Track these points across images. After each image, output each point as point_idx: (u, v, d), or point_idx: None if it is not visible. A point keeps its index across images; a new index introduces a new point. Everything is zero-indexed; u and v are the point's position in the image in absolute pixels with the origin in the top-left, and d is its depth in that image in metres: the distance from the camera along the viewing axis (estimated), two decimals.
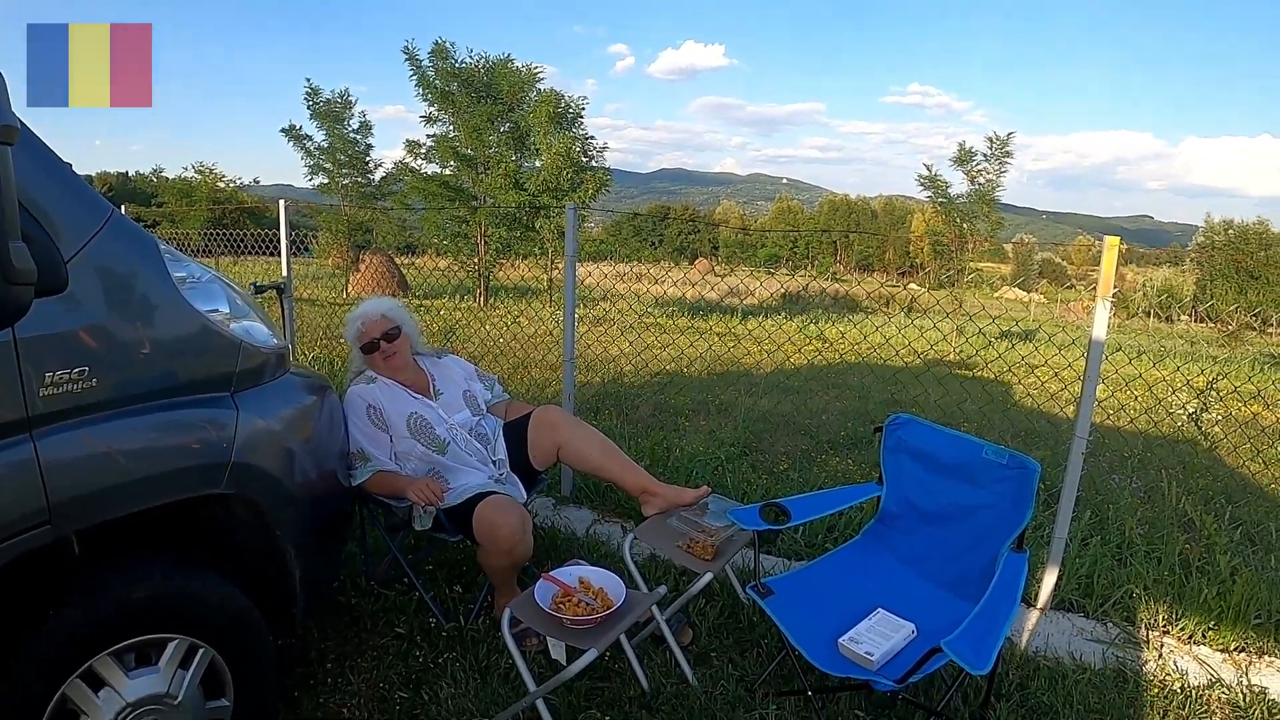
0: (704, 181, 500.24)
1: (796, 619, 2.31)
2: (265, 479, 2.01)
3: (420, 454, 2.76)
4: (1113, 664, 2.86)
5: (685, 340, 9.61)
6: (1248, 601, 3.19)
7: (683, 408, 6.15)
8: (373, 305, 2.95)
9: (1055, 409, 7.35)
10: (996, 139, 14.05)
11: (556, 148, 15.39)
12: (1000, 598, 2.16)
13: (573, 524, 3.69)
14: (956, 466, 2.65)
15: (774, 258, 75.81)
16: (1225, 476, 5.33)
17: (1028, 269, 65.52)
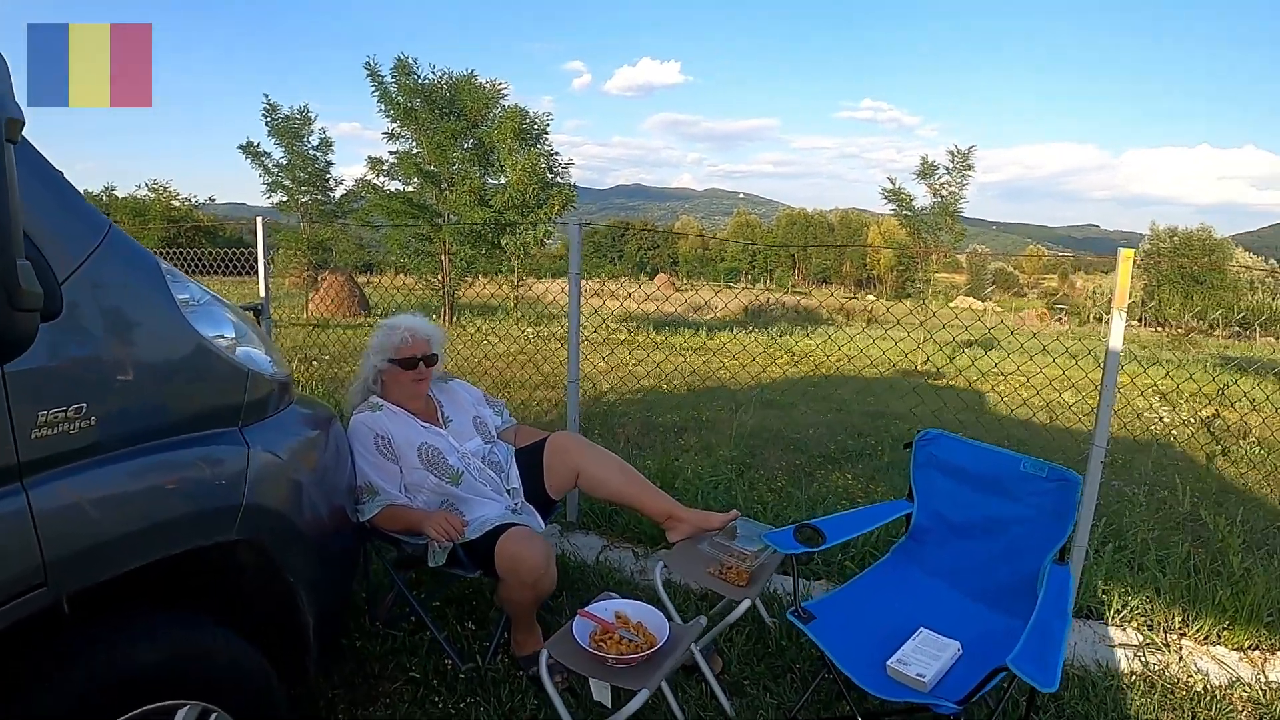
0: (661, 197, 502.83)
1: (840, 643, 2.21)
2: (278, 520, 1.84)
3: (433, 486, 2.58)
4: (1139, 669, 2.87)
5: (658, 356, 9.52)
6: (1260, 600, 3.21)
7: (671, 425, 6.03)
8: (421, 323, 2.74)
9: (1029, 415, 7.40)
10: (958, 152, 14.30)
11: (522, 164, 15.26)
12: (1052, 612, 2.10)
13: (582, 551, 3.52)
14: (991, 480, 2.60)
15: (734, 271, 76.46)
16: (1206, 477, 5.39)
17: (981, 279, 67.05)
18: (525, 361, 7.93)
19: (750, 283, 61.31)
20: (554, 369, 7.70)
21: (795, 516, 3.86)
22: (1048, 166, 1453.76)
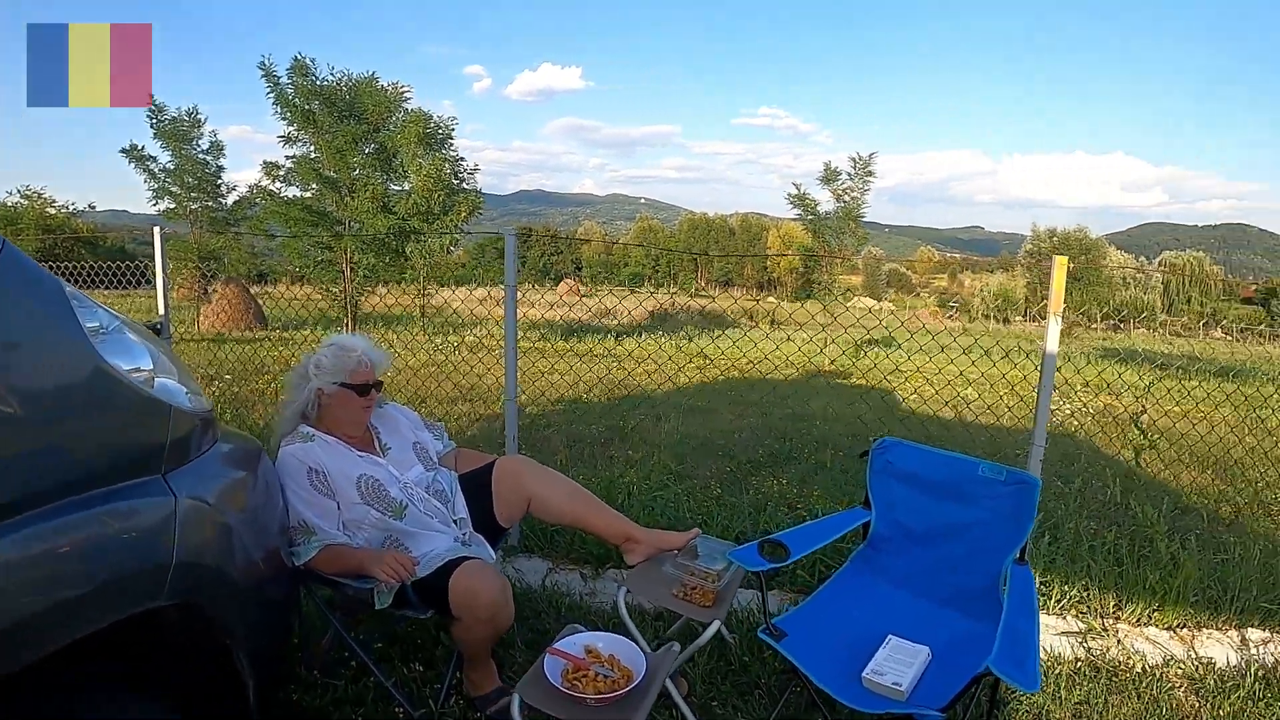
0: (563, 203, 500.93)
1: (813, 658, 2.17)
2: (212, 576, 1.63)
3: (374, 521, 2.36)
4: (1083, 655, 2.99)
5: (569, 364, 9.38)
6: (1185, 582, 3.40)
7: (596, 437, 5.91)
8: (371, 346, 2.53)
9: (940, 412, 7.63)
10: (859, 159, 14.80)
11: (427, 170, 14.86)
12: (1021, 612, 2.13)
13: (527, 576, 3.34)
14: (949, 485, 2.61)
15: (638, 276, 76.80)
16: (1111, 464, 5.66)
17: (877, 279, 69.57)
18: (438, 374, 7.65)
19: (655, 287, 61.78)
20: (471, 381, 7.46)
21: (741, 528, 3.81)
22: (935, 171, 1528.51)
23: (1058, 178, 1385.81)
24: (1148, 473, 5.53)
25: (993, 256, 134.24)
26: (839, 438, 6.28)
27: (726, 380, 9.67)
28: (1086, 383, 10.75)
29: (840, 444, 6.00)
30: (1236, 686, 2.82)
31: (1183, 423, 7.40)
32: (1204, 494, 5.16)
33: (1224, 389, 9.07)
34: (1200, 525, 4.33)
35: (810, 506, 4.22)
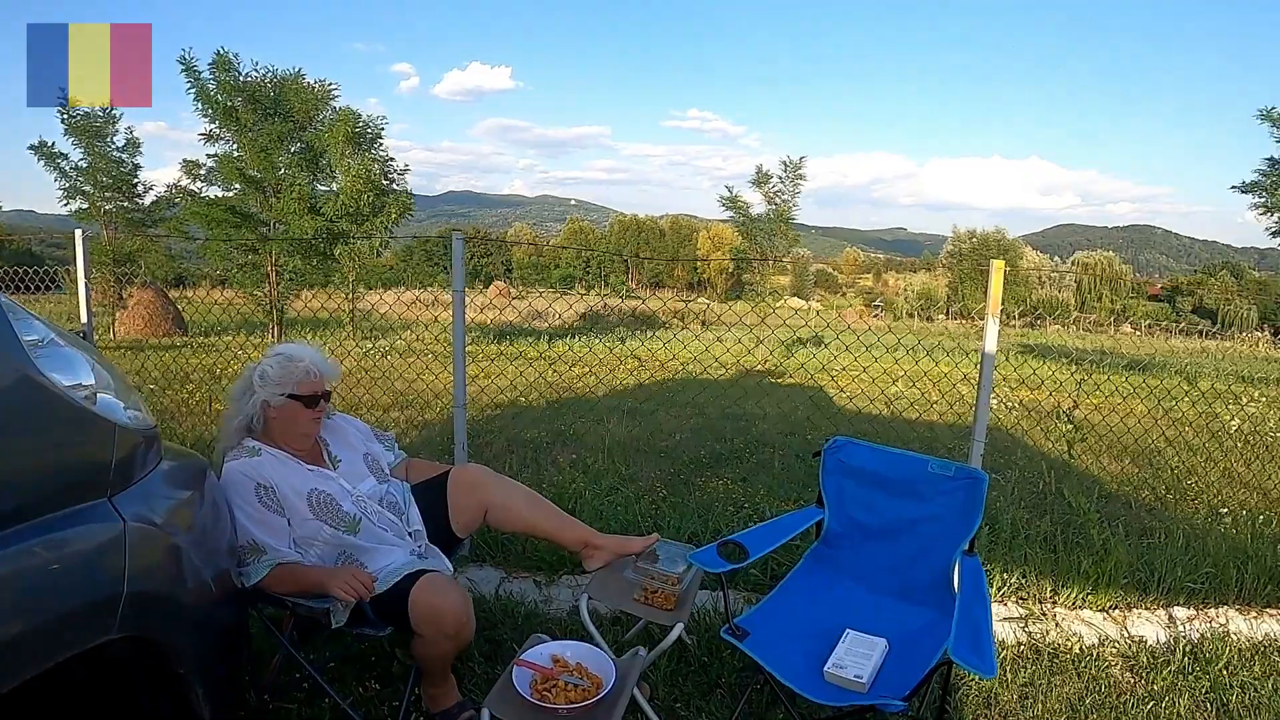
0: (493, 204, 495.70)
1: (776, 656, 2.21)
2: (164, 605, 1.56)
3: (328, 537, 2.27)
4: (1025, 639, 3.13)
5: (499, 368, 9.31)
6: (1116, 566, 3.61)
7: (538, 441, 5.85)
8: (319, 355, 2.43)
9: (871, 408, 7.83)
10: (790, 162, 15.09)
11: (355, 170, 14.47)
12: (974, 600, 2.20)
13: (480, 586, 3.29)
14: (900, 482, 2.68)
15: (569, 278, 76.49)
16: (1042, 456, 5.89)
17: (805, 280, 70.91)
18: (371, 380, 7.46)
19: (586, 289, 61.71)
20: (407, 387, 7.31)
21: (692, 529, 3.83)
22: (860, 174, 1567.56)
23: (977, 181, 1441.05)
24: (1076, 465, 5.77)
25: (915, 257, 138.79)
26: (777, 436, 6.37)
27: (662, 382, 9.71)
28: (1004, 378, 11.13)
29: (779, 443, 6.08)
30: (1167, 662, 3.00)
31: (1102, 415, 7.75)
32: (1126, 482, 5.41)
33: (1137, 382, 9.52)
34: (1126, 512, 4.56)
35: (756, 505, 4.28)
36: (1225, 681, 2.88)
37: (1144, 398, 7.30)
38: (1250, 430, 7.77)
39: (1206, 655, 3.06)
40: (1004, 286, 3.37)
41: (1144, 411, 6.52)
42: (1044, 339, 26.54)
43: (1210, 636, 3.20)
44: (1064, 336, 29.66)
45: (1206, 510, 4.69)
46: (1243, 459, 6.41)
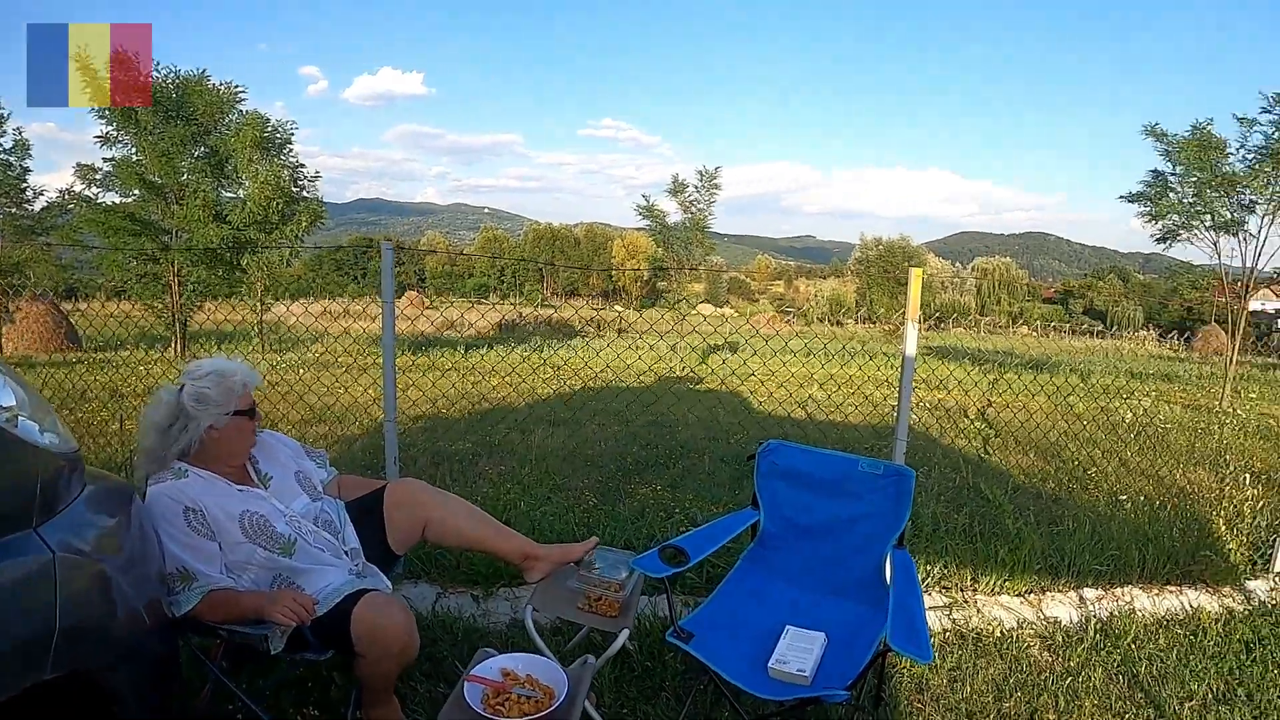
0: (405, 212, 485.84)
1: (720, 655, 2.27)
2: (97, 640, 1.48)
3: (261, 560, 2.19)
4: (950, 626, 3.31)
5: (416, 378, 9.14)
6: (1030, 553, 3.85)
7: (464, 453, 5.76)
8: (245, 366, 2.34)
9: (785, 412, 8.02)
10: (706, 172, 15.33)
11: (264, 176, 13.92)
12: (907, 591, 2.31)
13: (415, 602, 3.19)
14: (832, 482, 2.79)
15: (483, 287, 75.57)
16: (956, 453, 6.15)
17: (719, 287, 72.04)
18: (285, 395, 7.22)
19: (501, 298, 61.07)
20: (320, 401, 7.10)
21: (626, 536, 3.86)
22: (770, 183, 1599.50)
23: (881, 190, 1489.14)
24: (989, 460, 6.05)
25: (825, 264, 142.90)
26: (701, 442, 6.45)
27: (583, 389, 9.71)
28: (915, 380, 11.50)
29: (703, 448, 6.16)
30: (1080, 640, 3.23)
31: (1006, 412, 8.15)
32: (1034, 474, 5.71)
33: (1038, 381, 10.02)
34: (1036, 503, 4.82)
35: (686, 510, 4.33)
36: (1134, 654, 3.12)
37: (1045, 395, 7.71)
38: (1142, 423, 8.30)
39: (1116, 631, 3.30)
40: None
41: (1045, 408, 6.89)
42: (948, 341, 27.64)
43: (1118, 614, 3.44)
44: (967, 339, 30.98)
45: (1107, 498, 4.99)
46: (1136, 449, 6.84)
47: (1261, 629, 3.38)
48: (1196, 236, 13.52)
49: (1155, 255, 15.40)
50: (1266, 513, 4.43)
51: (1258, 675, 2.99)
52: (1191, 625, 3.40)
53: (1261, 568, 4.03)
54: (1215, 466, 6.26)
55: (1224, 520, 4.33)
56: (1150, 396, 11.55)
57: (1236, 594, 3.76)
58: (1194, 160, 12.82)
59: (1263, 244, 12.79)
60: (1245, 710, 2.77)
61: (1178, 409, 10.73)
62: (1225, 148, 12.72)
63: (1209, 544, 4.09)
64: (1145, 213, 13.90)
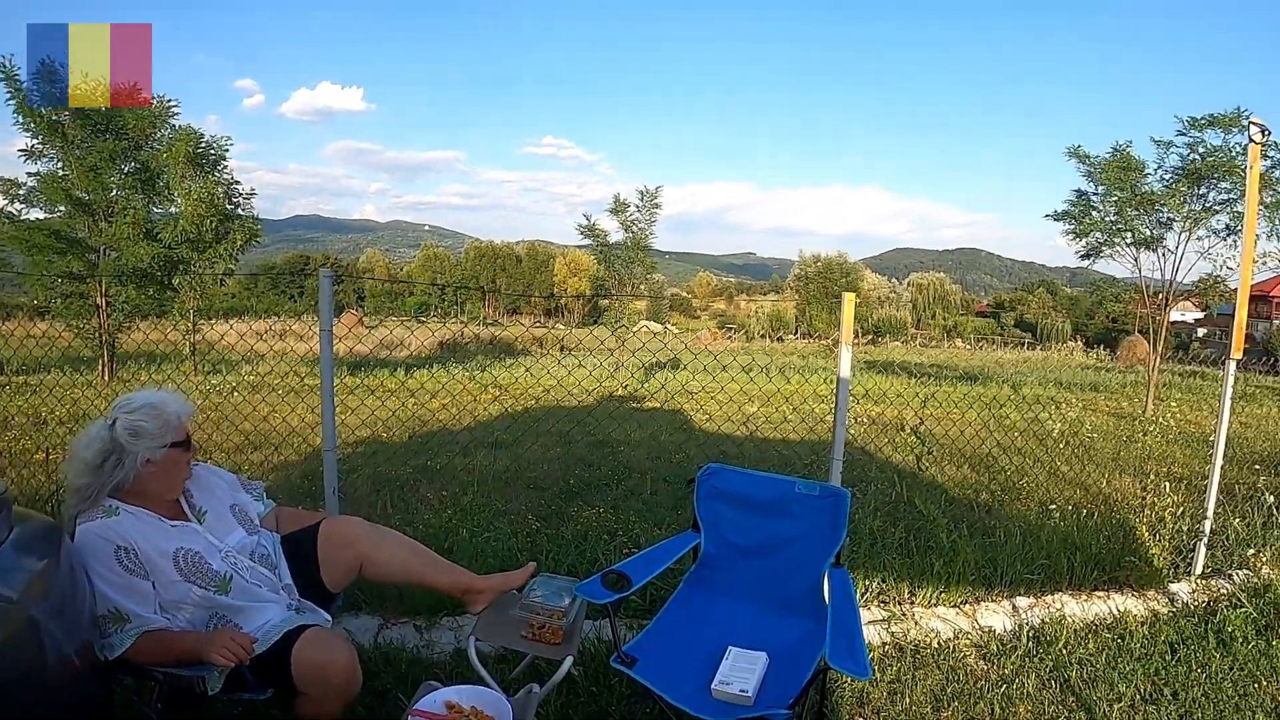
0: (343, 229, 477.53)
1: (664, 679, 2.29)
2: (30, 689, 1.45)
3: (197, 598, 2.13)
4: (889, 639, 3.40)
5: (356, 401, 9.00)
6: (964, 565, 3.99)
7: (404, 478, 5.68)
8: (177, 396, 2.28)
9: (730, 429, 8.11)
10: (647, 191, 15.48)
11: (197, 193, 13.53)
12: (845, 608, 2.37)
13: (356, 635, 3.15)
14: (770, 504, 2.85)
15: (424, 306, 74.52)
16: (893, 468, 6.30)
17: (660, 304, 72.48)
18: (218, 420, 7.03)
19: (442, 317, 60.36)
20: (255, 425, 6.93)
21: (570, 560, 3.86)
22: (711, 201, 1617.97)
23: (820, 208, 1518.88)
24: (924, 473, 6.20)
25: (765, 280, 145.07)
26: (644, 462, 6.49)
27: (525, 410, 9.68)
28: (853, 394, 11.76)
29: (646, 468, 6.20)
30: (1014, 647, 3.35)
31: (941, 425, 8.37)
32: (967, 486, 5.89)
33: (972, 393, 10.33)
34: (969, 514, 4.98)
35: (630, 532, 4.34)
36: (1065, 660, 3.25)
37: (977, 407, 7.95)
38: (1070, 433, 8.61)
39: (1048, 638, 3.43)
40: None
41: (978, 420, 7.10)
42: (885, 355, 28.24)
43: (1049, 621, 3.58)
44: (904, 352, 31.71)
45: (1037, 508, 5.18)
46: (1065, 459, 7.10)
47: (1185, 630, 3.56)
48: (1118, 252, 14.21)
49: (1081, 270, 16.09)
50: (1187, 517, 4.62)
51: (1183, 675, 3.15)
52: (1119, 629, 3.56)
53: (1184, 570, 4.23)
54: (1139, 474, 6.54)
55: (1147, 526, 4.52)
56: (1078, 406, 11.99)
57: (1161, 597, 3.95)
58: (1115, 180, 13.49)
59: (1180, 258, 13.54)
60: (1171, 709, 2.91)
61: (1104, 417, 11.18)
62: (1144, 168, 13.44)
63: (1133, 549, 4.28)
64: (1070, 230, 14.54)
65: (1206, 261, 13.44)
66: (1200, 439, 8.86)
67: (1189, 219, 13.11)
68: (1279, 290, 50.15)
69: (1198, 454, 7.80)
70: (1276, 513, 4.33)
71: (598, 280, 17.70)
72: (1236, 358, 4.30)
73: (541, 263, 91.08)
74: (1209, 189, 12.95)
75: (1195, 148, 12.69)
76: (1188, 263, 13.54)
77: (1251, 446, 8.49)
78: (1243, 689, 3.08)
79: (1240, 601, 3.79)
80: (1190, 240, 13.33)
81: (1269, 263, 13.04)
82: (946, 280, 78.28)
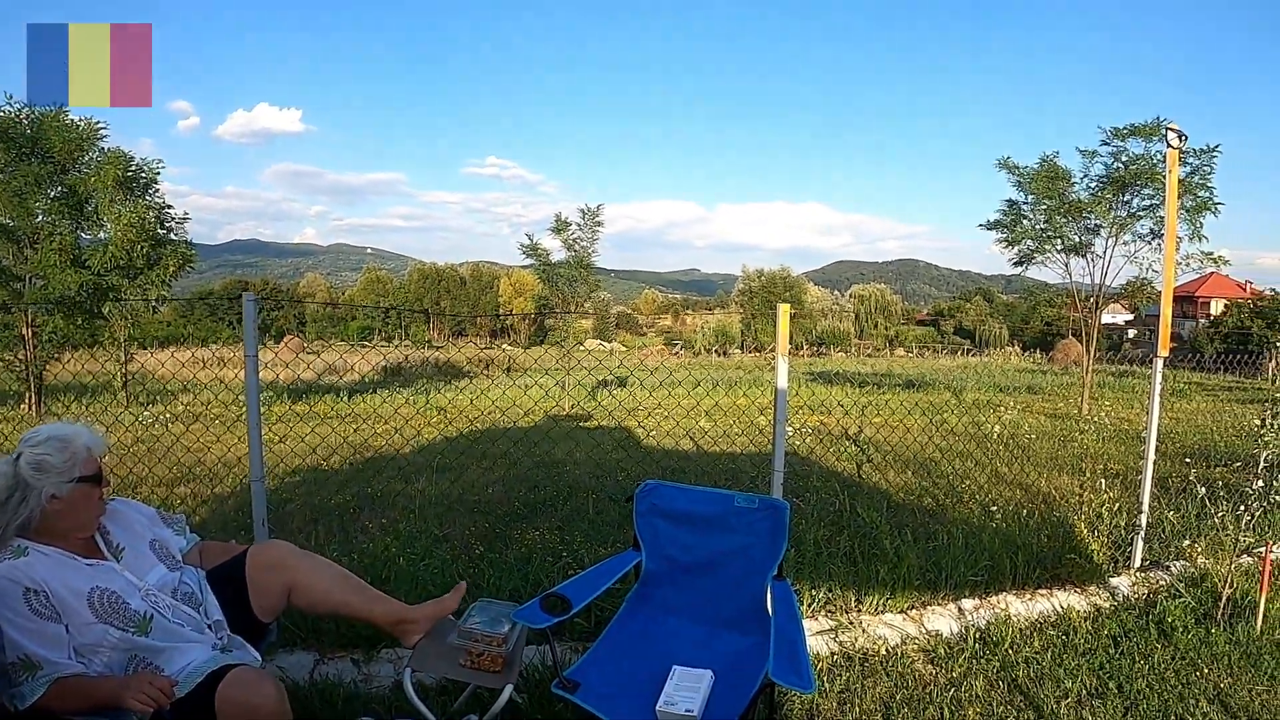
0: (283, 253, 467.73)
1: (608, 702, 2.25)
2: None
3: (115, 641, 2.02)
4: (837, 649, 3.40)
5: (297, 429, 8.76)
6: (909, 571, 4.02)
7: (344, 507, 5.51)
8: (86, 430, 2.16)
9: (673, 444, 8.11)
10: (588, 210, 15.49)
11: (127, 218, 13.02)
12: (787, 621, 2.38)
13: (291, 672, 3.03)
14: (710, 519, 2.85)
15: (367, 329, 73.25)
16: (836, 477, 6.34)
17: (606, 322, 72.64)
18: (151, 453, 6.75)
19: (386, 340, 59.43)
20: (190, 458, 6.68)
21: (512, 585, 3.77)
22: (655, 219, 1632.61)
23: (762, 223, 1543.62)
24: (866, 481, 6.26)
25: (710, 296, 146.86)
26: (589, 480, 6.42)
27: (470, 433, 9.54)
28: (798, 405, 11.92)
29: (591, 486, 6.14)
30: (961, 650, 3.39)
31: (884, 432, 8.49)
32: (910, 491, 5.96)
33: (912, 400, 10.51)
34: (913, 519, 5.03)
35: (574, 553, 4.27)
36: (1012, 659, 3.30)
37: (920, 414, 8.08)
38: (1009, 435, 8.81)
39: (994, 638, 3.48)
40: (792, 321, 3.63)
41: (920, 426, 7.21)
42: (830, 366, 28.66)
43: (995, 621, 3.63)
44: (848, 362, 32.24)
45: (980, 510, 5.26)
46: (1005, 460, 7.25)
47: (1127, 622, 3.65)
48: (1049, 259, 14.70)
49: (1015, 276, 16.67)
50: (1124, 512, 4.75)
51: (1127, 667, 3.23)
52: (1063, 626, 3.63)
53: (1123, 564, 4.35)
54: (1076, 472, 6.70)
55: (1085, 523, 4.63)
56: (1016, 409, 12.29)
57: (1102, 591, 4.04)
58: (1043, 189, 13.98)
59: (1108, 263, 14.08)
60: (1117, 702, 2.97)
61: (1042, 418, 11.48)
62: (1071, 177, 13.96)
63: (1074, 546, 4.39)
64: (1002, 239, 14.99)
65: (1133, 265, 14.02)
66: (1134, 435, 9.15)
67: (1115, 225, 13.65)
68: (1204, 291, 52.49)
69: (1132, 450, 8.04)
70: (1209, 504, 4.46)
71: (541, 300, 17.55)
72: (1163, 355, 4.45)
73: (486, 284, 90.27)
74: (1133, 195, 13.53)
75: (1119, 156, 13.25)
76: (1116, 267, 14.11)
77: (1183, 440, 8.80)
78: (1185, 678, 3.17)
79: (1179, 592, 3.91)
80: (1117, 245, 13.91)
81: (1192, 264, 13.58)
82: (887, 291, 80.00)
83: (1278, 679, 3.17)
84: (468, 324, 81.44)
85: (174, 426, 9.45)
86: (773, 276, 65.65)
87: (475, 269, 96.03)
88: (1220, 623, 3.60)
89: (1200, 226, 13.08)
